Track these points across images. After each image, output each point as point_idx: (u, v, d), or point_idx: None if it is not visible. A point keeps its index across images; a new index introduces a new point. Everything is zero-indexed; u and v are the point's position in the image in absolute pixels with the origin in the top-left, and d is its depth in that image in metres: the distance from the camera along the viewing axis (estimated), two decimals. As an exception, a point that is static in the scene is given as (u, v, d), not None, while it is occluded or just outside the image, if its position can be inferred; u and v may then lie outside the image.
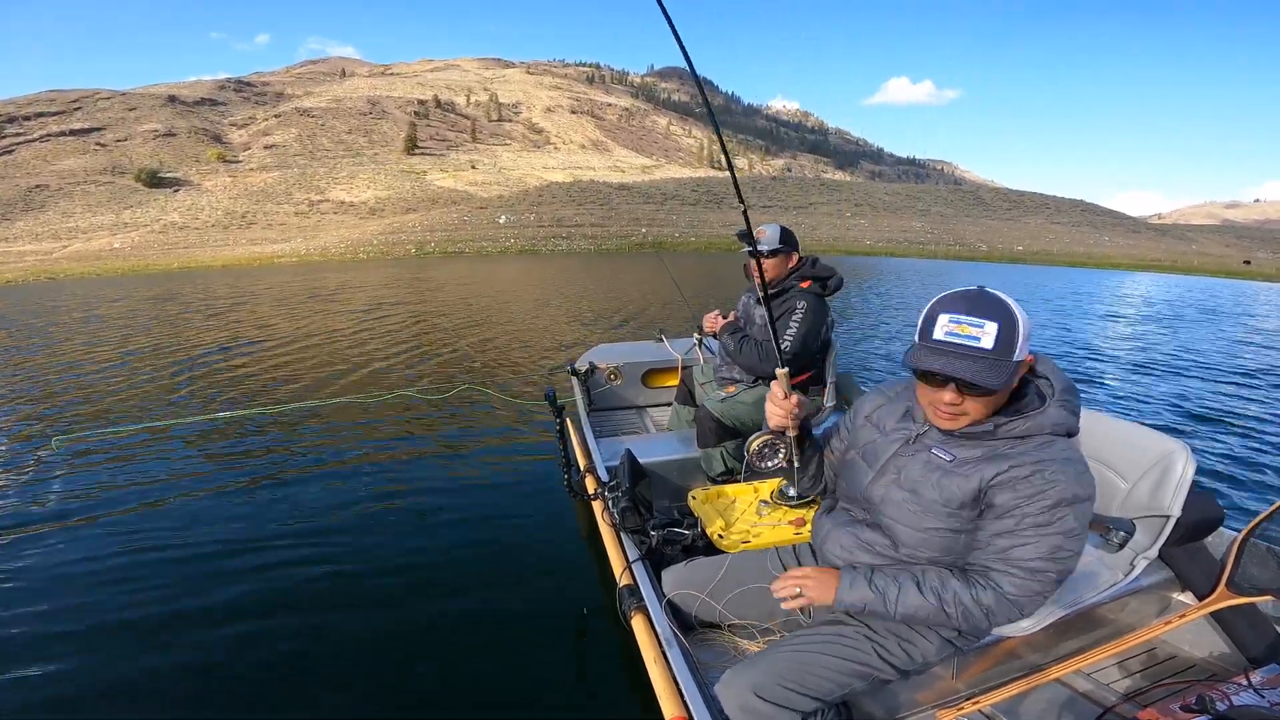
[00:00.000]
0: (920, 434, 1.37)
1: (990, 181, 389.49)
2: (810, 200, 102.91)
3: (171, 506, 3.49)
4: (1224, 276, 42.03)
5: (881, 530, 1.41)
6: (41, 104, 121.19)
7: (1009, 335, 1.14)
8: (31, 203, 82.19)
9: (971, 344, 1.15)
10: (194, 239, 67.93)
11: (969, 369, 1.14)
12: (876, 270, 29.82)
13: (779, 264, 2.69)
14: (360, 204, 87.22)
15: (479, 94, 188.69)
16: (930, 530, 1.31)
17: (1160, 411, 5.75)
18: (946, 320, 1.18)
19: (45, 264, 51.99)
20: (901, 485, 1.35)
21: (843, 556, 1.46)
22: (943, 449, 1.32)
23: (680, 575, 1.76)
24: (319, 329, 10.15)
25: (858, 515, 1.49)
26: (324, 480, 3.84)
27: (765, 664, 1.37)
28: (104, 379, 6.86)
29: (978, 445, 1.28)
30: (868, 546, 1.42)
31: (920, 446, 1.36)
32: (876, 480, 1.41)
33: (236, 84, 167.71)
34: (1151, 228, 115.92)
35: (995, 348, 1.14)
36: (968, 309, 1.17)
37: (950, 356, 1.16)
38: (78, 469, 4.07)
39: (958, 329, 1.16)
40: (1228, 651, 1.81)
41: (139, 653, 2.30)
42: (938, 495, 1.29)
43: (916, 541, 1.34)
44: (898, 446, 1.40)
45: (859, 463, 1.48)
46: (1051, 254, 64.07)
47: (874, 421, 1.50)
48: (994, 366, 1.14)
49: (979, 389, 1.17)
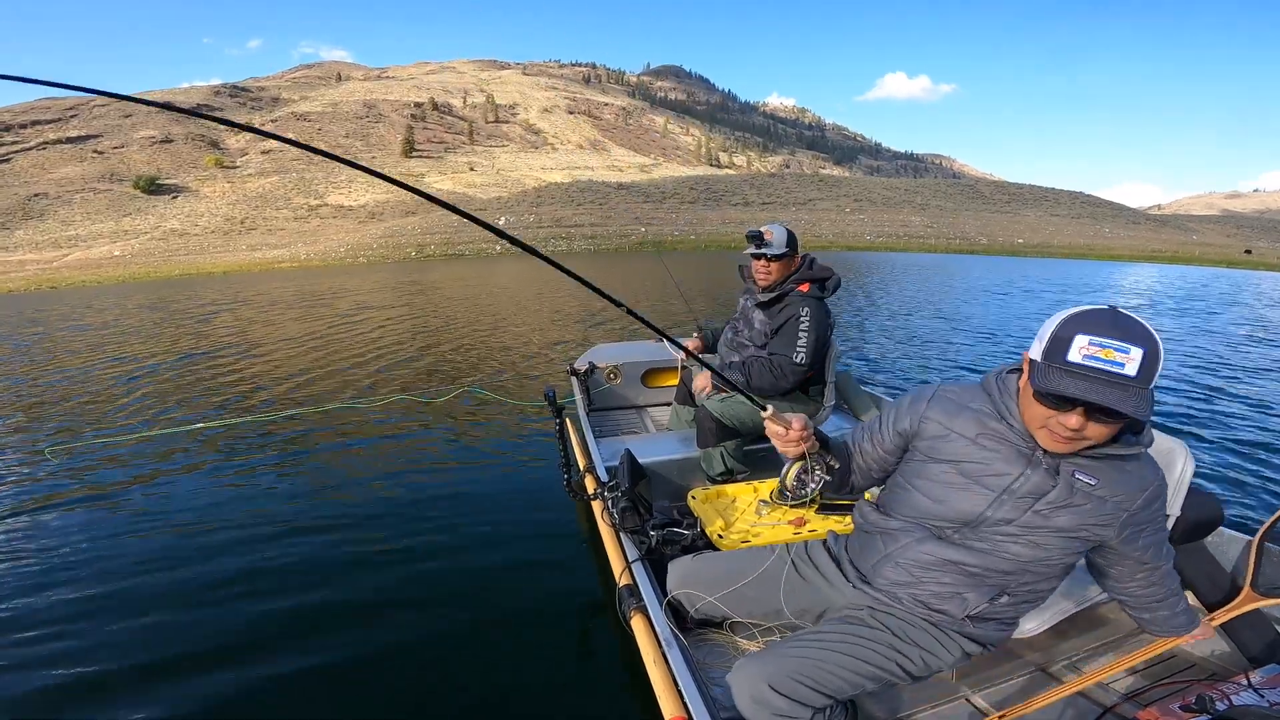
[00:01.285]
0: (1038, 450, 1.26)
1: (989, 175, 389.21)
2: (809, 197, 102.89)
3: (167, 513, 3.46)
4: (1225, 266, 41.95)
5: (971, 549, 1.34)
6: (37, 112, 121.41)
7: (1152, 363, 1.06)
8: (31, 211, 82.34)
9: (1115, 369, 1.05)
10: (194, 245, 68.07)
11: (1116, 398, 1.05)
12: (878, 266, 29.78)
13: (783, 267, 2.67)
14: (359, 208, 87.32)
15: (475, 96, 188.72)
16: (1040, 560, 1.31)
17: (1159, 411, 5.72)
18: (1085, 342, 1.08)
19: (46, 273, 52.11)
20: (1038, 511, 1.27)
21: (915, 574, 1.40)
22: (1086, 474, 1.24)
23: (686, 568, 1.73)
24: (316, 334, 10.12)
25: (941, 532, 1.39)
26: (323, 483, 3.84)
27: (780, 657, 1.34)
28: (105, 387, 6.87)
29: (1108, 464, 1.24)
30: (949, 565, 1.36)
31: (1050, 466, 1.26)
32: (1004, 503, 1.29)
33: (232, 89, 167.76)
34: (1152, 218, 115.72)
35: (1138, 376, 1.05)
36: (1110, 332, 1.07)
37: (1093, 382, 1.06)
38: (67, 477, 4.03)
39: (1100, 353, 1.07)
40: (1228, 651, 1.81)
41: (139, 655, 2.29)
42: (1081, 519, 1.25)
43: (1017, 567, 1.33)
44: (1023, 467, 1.27)
45: (960, 480, 1.34)
46: (1052, 246, 64.00)
47: (959, 430, 1.35)
48: (1138, 397, 1.05)
49: (1118, 417, 1.10)
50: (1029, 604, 1.40)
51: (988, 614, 1.37)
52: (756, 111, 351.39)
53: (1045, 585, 1.36)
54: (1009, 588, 1.34)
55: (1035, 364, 1.15)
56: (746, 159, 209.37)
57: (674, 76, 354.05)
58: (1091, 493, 1.24)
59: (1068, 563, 1.33)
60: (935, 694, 1.70)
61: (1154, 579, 1.35)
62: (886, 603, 1.43)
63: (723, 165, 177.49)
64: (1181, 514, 1.67)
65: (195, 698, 2.08)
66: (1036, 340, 1.16)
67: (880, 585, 1.45)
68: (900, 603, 1.42)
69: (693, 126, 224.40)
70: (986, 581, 1.33)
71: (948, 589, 1.36)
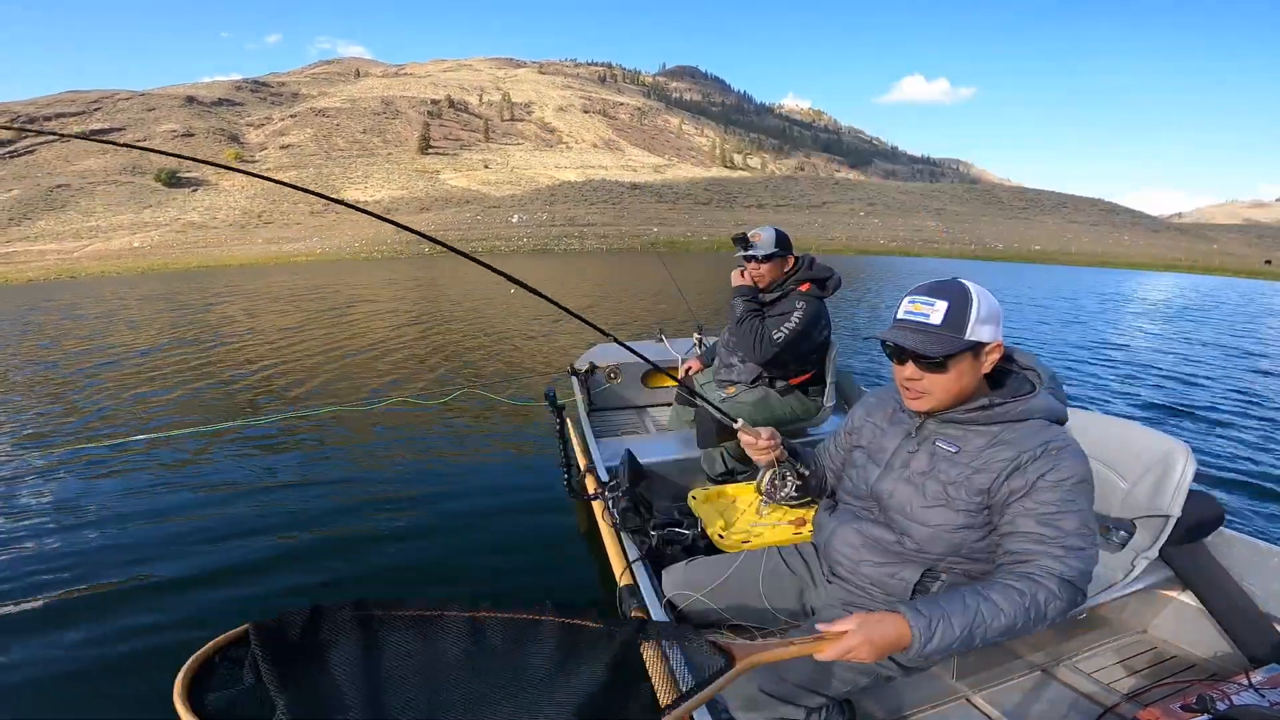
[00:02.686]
0: (919, 426, 1.39)
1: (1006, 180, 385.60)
2: (824, 200, 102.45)
3: (165, 517, 3.43)
4: (1245, 276, 41.35)
5: (889, 526, 1.41)
6: (62, 104, 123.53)
7: (958, 313, 1.22)
8: (53, 202, 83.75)
9: (921, 319, 1.24)
10: (212, 238, 68.97)
11: (911, 339, 1.24)
12: (889, 270, 29.62)
13: (774, 268, 2.66)
14: (374, 203, 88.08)
15: (492, 94, 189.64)
16: (938, 526, 1.31)
17: (1160, 411, 5.67)
18: (908, 301, 1.29)
19: (67, 262, 52.98)
20: (909, 480, 1.37)
21: (850, 555, 1.47)
22: (946, 440, 1.34)
23: (680, 576, 1.75)
24: (319, 333, 10.14)
25: (863, 513, 1.49)
26: (322, 484, 3.84)
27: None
28: (114, 383, 6.97)
29: (978, 433, 1.30)
30: (874, 543, 1.42)
31: (923, 438, 1.38)
32: (885, 476, 1.42)
33: (253, 84, 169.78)
34: (1172, 227, 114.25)
35: (942, 324, 1.22)
36: (925, 290, 1.27)
37: (902, 330, 1.27)
38: (58, 482, 3.93)
39: (913, 307, 1.27)
40: (1228, 651, 1.80)
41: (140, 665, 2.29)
42: (945, 489, 1.30)
43: (926, 536, 1.33)
44: (900, 440, 1.43)
45: (865, 461, 1.50)
46: (1070, 254, 63.31)
47: (873, 419, 1.53)
48: (938, 339, 1.22)
49: (928, 364, 1.25)
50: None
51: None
52: (772, 113, 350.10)
53: (980, 568, 1.33)
54: (936, 567, 1.35)
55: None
56: (761, 161, 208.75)
57: (689, 77, 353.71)
58: (954, 459, 1.31)
59: (975, 539, 1.30)
60: (935, 694, 1.70)
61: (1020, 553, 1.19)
62: (859, 591, 1.46)
63: (737, 167, 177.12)
64: (1182, 514, 1.67)
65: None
66: None
67: (839, 574, 1.51)
68: (865, 591, 1.45)
69: (707, 127, 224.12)
70: (910, 559, 1.37)
71: (882, 570, 1.40)
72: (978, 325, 1.22)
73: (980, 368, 1.28)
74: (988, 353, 1.26)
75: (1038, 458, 1.22)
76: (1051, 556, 1.17)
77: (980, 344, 1.24)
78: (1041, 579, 1.15)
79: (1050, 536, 1.17)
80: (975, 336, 1.22)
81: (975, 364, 1.27)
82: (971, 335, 1.22)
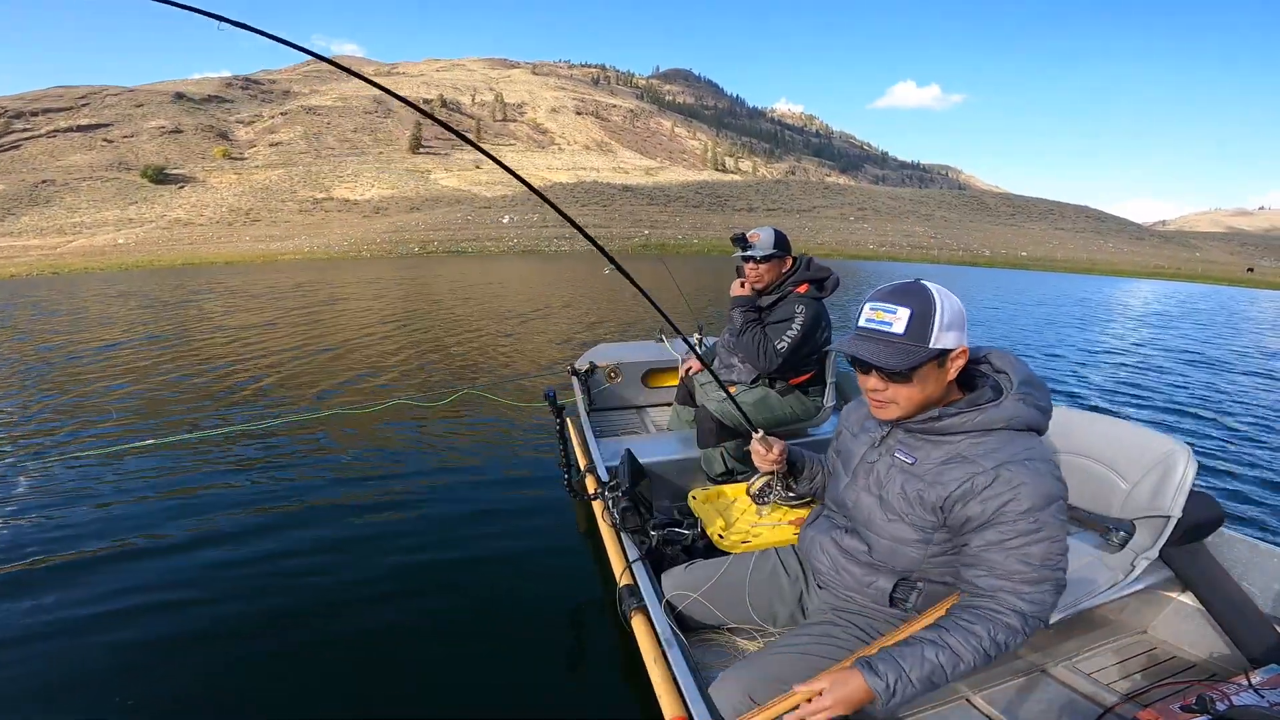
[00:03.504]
0: (884, 435, 1.37)
1: (994, 187, 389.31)
2: (814, 204, 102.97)
3: (162, 522, 3.36)
4: (1227, 284, 42.00)
5: (859, 536, 1.40)
6: (49, 100, 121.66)
7: (921, 321, 1.16)
8: (37, 198, 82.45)
9: (883, 329, 1.19)
10: (199, 235, 68.14)
11: (872, 350, 1.18)
12: (879, 275, 29.79)
13: (773, 269, 2.66)
14: (364, 202, 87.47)
15: (484, 94, 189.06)
16: (896, 540, 1.30)
17: (1161, 412, 5.74)
18: (869, 308, 1.23)
19: (50, 258, 52.19)
20: (870, 490, 1.35)
21: (827, 564, 1.47)
22: (904, 451, 1.31)
23: (679, 578, 1.76)
24: (317, 333, 10.04)
25: (839, 521, 1.49)
26: (322, 485, 3.81)
27: (760, 664, 1.37)
28: (99, 388, 6.87)
29: (936, 444, 1.27)
30: (848, 553, 1.42)
31: (885, 449, 1.36)
32: (851, 485, 1.41)
33: (244, 81, 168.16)
34: (1156, 235, 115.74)
35: (905, 333, 1.17)
36: (887, 297, 1.21)
37: (863, 339, 1.21)
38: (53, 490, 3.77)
39: (874, 315, 1.21)
40: (1228, 652, 1.81)
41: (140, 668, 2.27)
42: (901, 501, 1.28)
43: (886, 550, 1.32)
44: (865, 449, 1.42)
45: (837, 467, 1.51)
46: (1055, 260, 64.04)
47: (849, 425, 1.54)
48: (900, 350, 1.17)
49: (890, 373, 1.20)
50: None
51: (924, 606, 1.36)
52: (764, 117, 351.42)
53: (953, 578, 1.31)
54: (912, 576, 1.33)
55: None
56: (752, 164, 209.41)
57: (683, 80, 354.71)
58: (911, 471, 1.28)
59: (934, 553, 1.28)
60: (935, 694, 1.70)
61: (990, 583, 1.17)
62: (845, 598, 1.46)
63: (728, 170, 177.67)
64: (1183, 515, 1.68)
65: (195, 705, 2.07)
66: None
67: (822, 582, 1.51)
68: (849, 599, 1.44)
69: (700, 131, 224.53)
70: (880, 569, 1.36)
71: (859, 579, 1.40)
72: (941, 333, 1.17)
73: (946, 374, 1.23)
74: (952, 359, 1.21)
75: (993, 482, 1.16)
76: (1015, 593, 1.14)
77: (945, 351, 1.19)
78: (1002, 615, 1.14)
79: (1014, 571, 1.14)
80: (939, 344, 1.17)
81: (940, 371, 1.22)
82: (935, 343, 1.17)
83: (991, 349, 1.33)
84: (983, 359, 1.32)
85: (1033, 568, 1.13)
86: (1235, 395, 6.58)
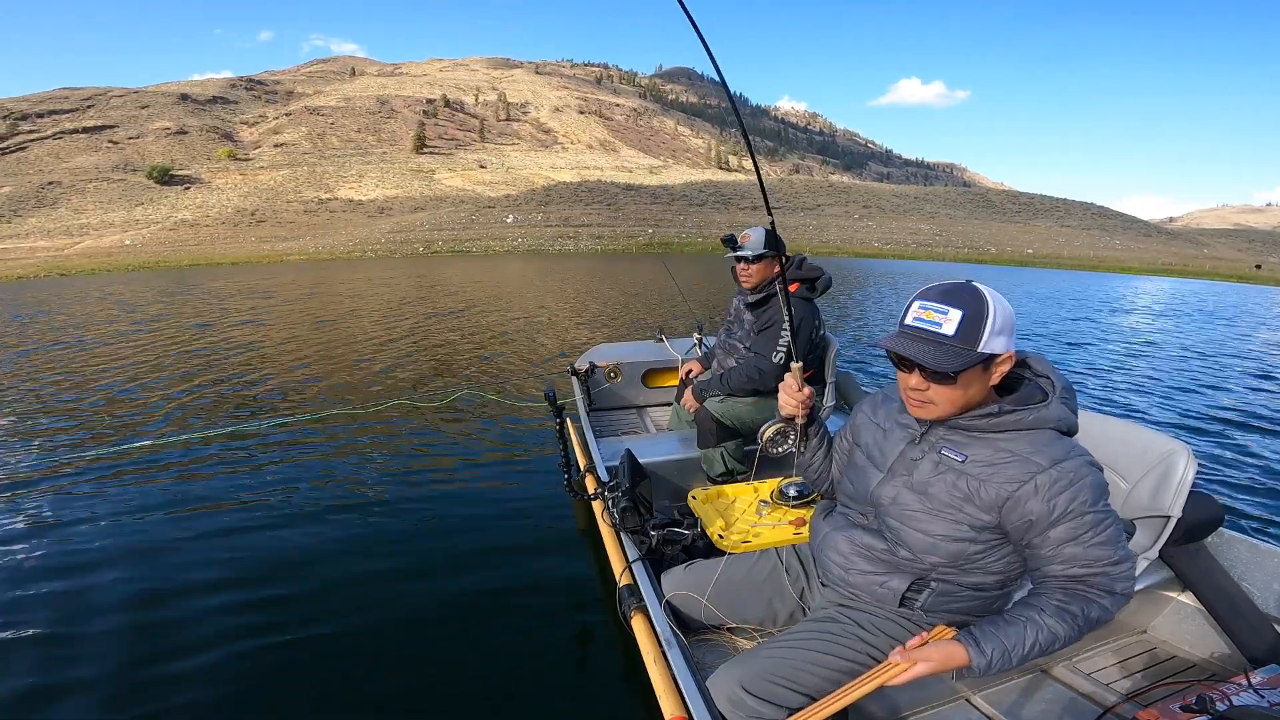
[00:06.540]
0: (924, 432, 1.35)
1: (999, 184, 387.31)
2: (818, 202, 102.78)
3: (161, 522, 3.38)
4: (1235, 281, 41.72)
5: (881, 534, 1.39)
6: (55, 101, 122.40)
7: (973, 324, 1.15)
8: (44, 199, 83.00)
9: (933, 329, 1.17)
10: (204, 236, 68.48)
11: (922, 352, 1.17)
12: (883, 273, 29.72)
13: (764, 268, 2.67)
14: (369, 202, 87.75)
15: (487, 94, 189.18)
16: (940, 537, 1.28)
17: (1162, 412, 5.71)
18: (917, 307, 1.21)
19: (57, 260, 52.53)
20: (913, 488, 1.32)
21: (840, 562, 1.46)
22: (952, 449, 1.29)
23: (679, 578, 1.75)
24: (318, 334, 10.08)
25: (856, 518, 1.47)
26: (322, 485, 3.82)
27: (755, 659, 1.37)
28: (108, 383, 6.91)
29: (987, 442, 1.25)
30: (864, 551, 1.41)
31: (928, 446, 1.33)
32: (887, 481, 1.38)
33: (248, 82, 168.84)
34: (1163, 231, 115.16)
35: (955, 335, 1.15)
36: (938, 297, 1.19)
37: (910, 339, 1.19)
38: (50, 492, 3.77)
39: (924, 314, 1.19)
40: (1228, 652, 1.81)
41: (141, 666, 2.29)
42: (951, 499, 1.26)
43: (925, 547, 1.30)
44: (904, 446, 1.38)
45: (865, 463, 1.46)
46: (1061, 257, 63.75)
47: (877, 420, 1.48)
48: (950, 352, 1.15)
49: (936, 375, 1.19)
50: (973, 597, 1.36)
51: (932, 606, 1.36)
52: (767, 115, 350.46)
53: (970, 579, 1.32)
54: (928, 576, 1.33)
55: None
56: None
57: (685, 79, 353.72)
58: (961, 470, 1.26)
59: (974, 551, 1.28)
60: (934, 694, 1.70)
61: (1078, 584, 1.20)
62: (850, 596, 1.46)
63: (732, 169, 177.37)
64: (1183, 515, 1.68)
65: (196, 702, 2.08)
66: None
67: (831, 579, 1.50)
68: (855, 597, 1.44)
69: (703, 129, 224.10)
70: (900, 568, 1.35)
71: (871, 578, 1.39)
72: (992, 337, 1.15)
73: (989, 379, 1.22)
74: (999, 364, 1.21)
75: (1056, 481, 1.16)
76: (1105, 575, 1.17)
77: (993, 355, 1.18)
78: (1096, 597, 1.18)
79: (1098, 558, 1.16)
80: (989, 349, 1.15)
81: (985, 375, 1.21)
82: (985, 348, 1.15)
83: (1028, 353, 1.32)
84: (1022, 362, 1.31)
85: (1113, 550, 1.16)
86: (1235, 394, 6.55)
